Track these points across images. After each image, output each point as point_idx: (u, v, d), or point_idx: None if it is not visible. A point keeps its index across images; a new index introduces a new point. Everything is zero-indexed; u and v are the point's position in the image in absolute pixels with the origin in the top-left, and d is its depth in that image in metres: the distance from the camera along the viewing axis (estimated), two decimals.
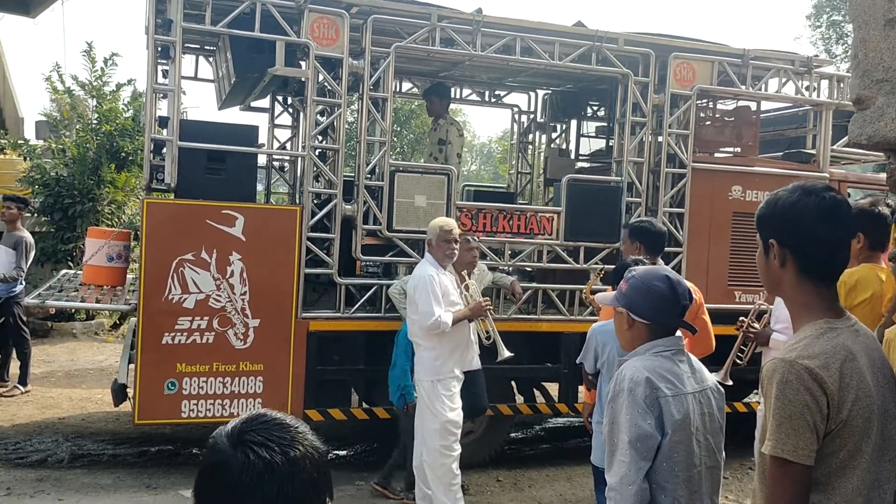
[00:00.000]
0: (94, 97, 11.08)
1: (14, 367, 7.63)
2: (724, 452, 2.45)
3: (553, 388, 6.55)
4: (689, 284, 2.67)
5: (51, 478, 5.48)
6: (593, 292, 5.11)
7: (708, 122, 6.99)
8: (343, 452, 6.67)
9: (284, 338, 5.63)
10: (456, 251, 4.88)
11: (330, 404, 5.80)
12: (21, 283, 7.53)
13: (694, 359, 2.49)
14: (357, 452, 6.70)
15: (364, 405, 6.11)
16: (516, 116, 8.59)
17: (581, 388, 5.68)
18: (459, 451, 4.87)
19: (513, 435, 6.77)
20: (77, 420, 6.87)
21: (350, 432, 6.76)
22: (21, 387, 7.50)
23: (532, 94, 8.38)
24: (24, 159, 10.86)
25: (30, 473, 5.55)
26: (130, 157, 10.62)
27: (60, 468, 5.72)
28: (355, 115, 15.49)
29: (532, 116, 8.48)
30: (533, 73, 7.09)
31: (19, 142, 11.10)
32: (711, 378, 2.47)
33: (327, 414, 5.75)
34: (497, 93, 8.38)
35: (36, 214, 10.32)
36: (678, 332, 2.44)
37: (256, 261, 5.55)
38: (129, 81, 11.26)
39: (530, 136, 8.63)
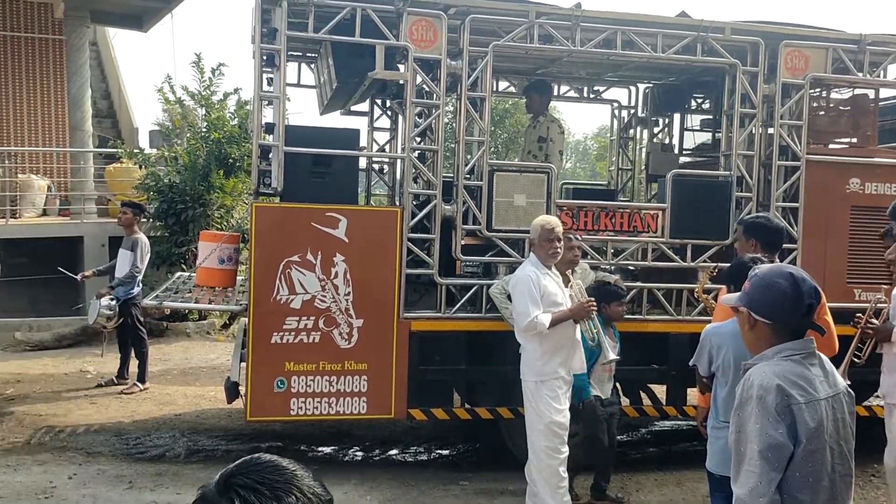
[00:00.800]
0: (202, 106, 11.55)
1: (133, 365, 8.02)
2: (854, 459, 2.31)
3: (660, 391, 6.38)
4: None
5: (169, 472, 5.72)
6: (706, 291, 4.93)
7: (822, 112, 6.65)
8: (446, 452, 6.70)
9: (387, 337, 5.69)
10: (560, 250, 4.81)
11: (432, 404, 5.83)
12: (138, 286, 7.91)
13: (826, 361, 2.35)
14: (459, 452, 6.71)
15: (466, 405, 6.11)
16: (616, 112, 8.41)
17: (691, 391, 5.51)
18: (567, 453, 4.80)
19: (619, 437, 6.63)
20: (192, 416, 7.16)
21: (452, 432, 6.78)
22: (140, 384, 7.89)
23: (633, 88, 8.18)
24: (140, 167, 11.42)
25: (149, 467, 5.82)
26: (237, 163, 11.00)
27: (178, 463, 5.97)
28: (451, 116, 15.58)
29: (633, 111, 8.28)
30: (634, 66, 6.92)
31: (135, 151, 11.68)
32: (843, 381, 2.33)
33: (430, 413, 5.78)
34: (596, 88, 8.23)
35: (151, 220, 10.83)
36: (807, 335, 2.31)
37: (359, 262, 5.64)
38: (236, 90, 11.68)
39: (631, 132, 8.43)
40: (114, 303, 7.67)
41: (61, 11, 13.15)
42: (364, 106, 7.76)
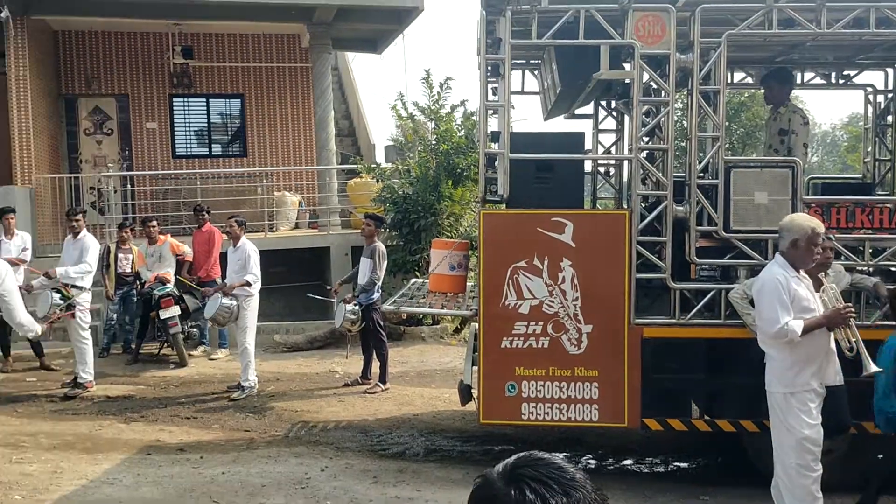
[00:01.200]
0: (432, 120, 12.05)
1: (375, 367, 8.53)
2: None
3: None
4: None
5: (409, 469, 6.00)
6: None
7: None
8: (684, 465, 6.41)
9: (618, 344, 5.56)
10: (819, 255, 4.43)
11: (668, 414, 5.61)
12: (378, 292, 8.40)
13: None
14: (699, 466, 6.39)
15: (705, 417, 5.80)
16: (871, 97, 7.58)
17: None
18: (820, 471, 4.39)
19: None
20: (429, 417, 7.46)
21: (690, 444, 6.47)
22: (381, 385, 8.36)
23: (890, 70, 7.34)
24: (377, 181, 12.16)
25: (392, 464, 6.14)
26: (465, 173, 11.35)
27: (417, 461, 6.25)
28: (681, 113, 14.92)
29: (891, 95, 7.43)
30: (890, 46, 6.21)
31: (372, 166, 12.45)
32: None
33: (666, 424, 5.56)
34: (846, 73, 7.48)
35: (388, 230, 11.48)
36: None
37: (587, 266, 5.57)
38: (462, 102, 12.06)
39: (889, 118, 7.57)
40: (357, 308, 8.21)
41: (307, 41, 14.37)
42: (588, 108, 7.67)
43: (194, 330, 10.28)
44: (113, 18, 13.60)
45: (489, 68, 5.95)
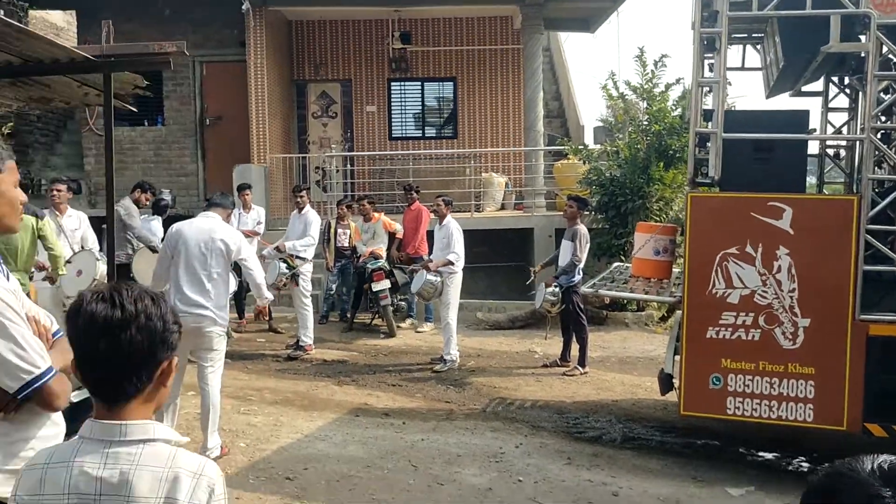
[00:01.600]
0: (644, 100, 11.68)
1: (574, 349, 8.48)
2: None
3: None
4: None
5: (604, 455, 5.93)
6: None
7: None
8: None
9: (839, 341, 5.13)
10: None
11: (894, 420, 5.09)
12: (579, 274, 8.33)
13: None
14: None
15: None
16: None
17: None
18: None
19: None
20: (628, 404, 7.31)
21: None
22: (580, 368, 8.30)
23: None
24: (584, 163, 12.01)
25: (587, 447, 6.10)
26: (677, 155, 10.90)
27: (613, 447, 6.16)
28: None
29: None
30: None
31: (580, 147, 12.31)
32: None
33: (893, 431, 5.05)
34: None
35: (593, 212, 11.32)
36: None
37: (806, 256, 5.17)
38: (678, 81, 11.58)
39: None
40: (557, 290, 8.20)
41: (519, 22, 14.45)
42: (818, 85, 7.07)
43: (402, 303, 10.80)
44: (341, 7, 14.50)
45: (704, 43, 5.66)
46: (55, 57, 4.11)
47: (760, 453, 6.17)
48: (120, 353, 1.56)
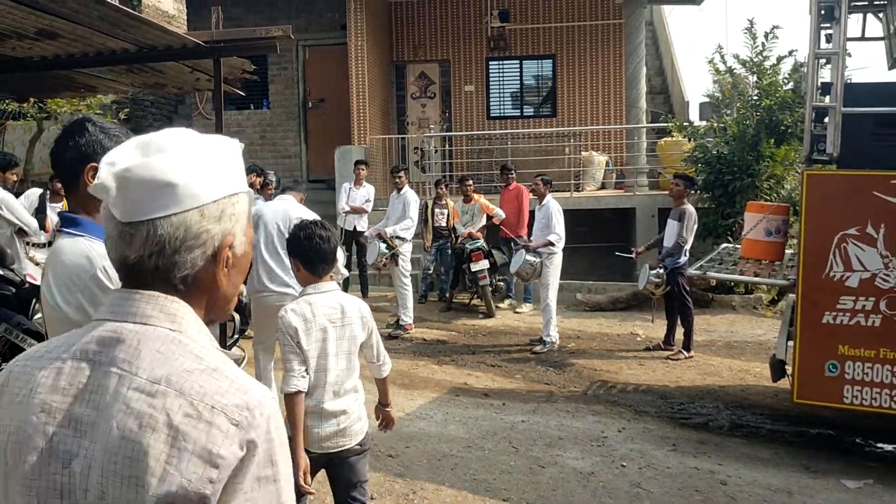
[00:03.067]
0: (754, 73, 11.18)
1: (679, 333, 8.26)
2: None
3: None
4: None
5: (711, 442, 5.75)
6: None
7: None
8: None
9: None
10: None
11: None
12: (685, 255, 8.08)
13: None
14: None
15: None
16: None
17: None
18: None
19: None
20: (736, 390, 7.07)
21: None
22: (685, 352, 8.08)
23: None
24: (689, 140, 11.62)
25: (693, 434, 5.93)
26: (790, 130, 10.41)
27: (720, 434, 5.97)
28: None
29: None
30: None
31: (684, 124, 11.91)
32: None
33: None
34: None
35: (698, 191, 10.95)
36: None
37: None
38: (790, 53, 11.03)
39: None
40: (662, 271, 7.99)
41: None
42: None
43: (501, 283, 10.77)
44: None
45: (822, 12, 5.34)
46: (168, 43, 4.27)
47: (879, 444, 5.85)
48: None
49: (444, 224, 10.59)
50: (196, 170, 1.17)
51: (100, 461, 1.08)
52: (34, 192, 7.85)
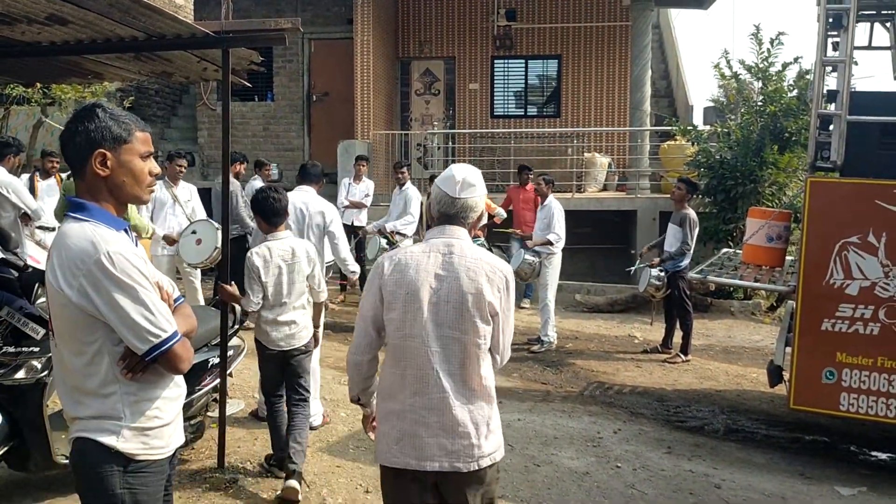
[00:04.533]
0: (759, 79, 11.18)
1: (677, 336, 8.27)
2: None
3: None
4: None
5: (706, 446, 5.77)
6: None
7: None
8: None
9: None
10: None
11: None
12: (686, 259, 8.09)
13: None
14: None
15: None
16: None
17: None
18: None
19: None
20: (732, 395, 7.09)
21: None
22: (682, 355, 8.09)
23: None
24: (692, 144, 11.62)
25: (688, 437, 5.95)
26: (793, 137, 10.42)
27: (715, 438, 5.98)
28: None
29: None
30: None
31: (688, 128, 11.91)
32: None
33: None
34: None
35: (700, 196, 10.96)
36: None
37: None
38: (795, 60, 11.03)
39: None
40: (663, 274, 8.00)
41: None
42: None
43: None
44: None
45: (830, 20, 5.36)
46: (177, 32, 4.27)
47: (874, 453, 5.87)
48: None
49: None
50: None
51: (456, 288, 2.64)
52: (26, 177, 7.88)
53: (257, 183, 9.40)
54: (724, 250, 8.16)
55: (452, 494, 2.71)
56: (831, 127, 5.33)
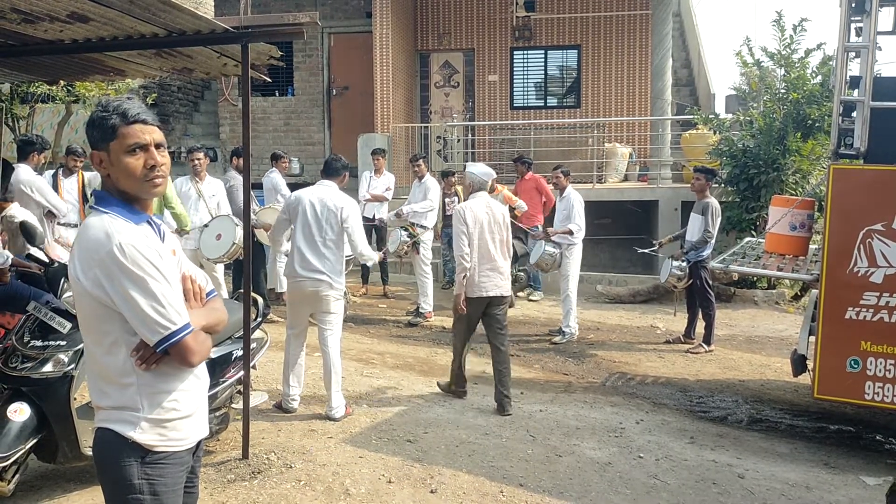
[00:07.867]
0: (782, 66, 11.06)
1: (700, 326, 8.22)
2: None
3: None
4: None
5: (730, 436, 5.74)
6: None
7: None
8: None
9: None
10: None
11: None
12: (709, 248, 8.03)
13: None
14: None
15: None
16: None
17: None
18: None
19: None
20: (756, 384, 7.04)
21: None
22: (705, 345, 8.05)
23: None
24: (714, 133, 11.53)
25: (711, 427, 5.93)
26: (817, 125, 10.30)
27: (739, 428, 5.95)
28: None
29: None
30: None
31: (710, 117, 11.81)
32: None
33: None
34: None
35: (723, 185, 10.87)
36: None
37: None
38: (819, 46, 10.89)
39: None
40: (685, 264, 7.96)
41: None
42: None
43: (521, 274, 10.76)
44: None
45: (852, 5, 5.29)
46: (197, 28, 4.30)
47: None
48: None
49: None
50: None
51: (496, 220, 6.11)
52: (50, 174, 7.98)
53: (274, 175, 9.45)
54: (747, 239, 8.10)
55: (495, 305, 6.08)
56: (854, 113, 5.27)
